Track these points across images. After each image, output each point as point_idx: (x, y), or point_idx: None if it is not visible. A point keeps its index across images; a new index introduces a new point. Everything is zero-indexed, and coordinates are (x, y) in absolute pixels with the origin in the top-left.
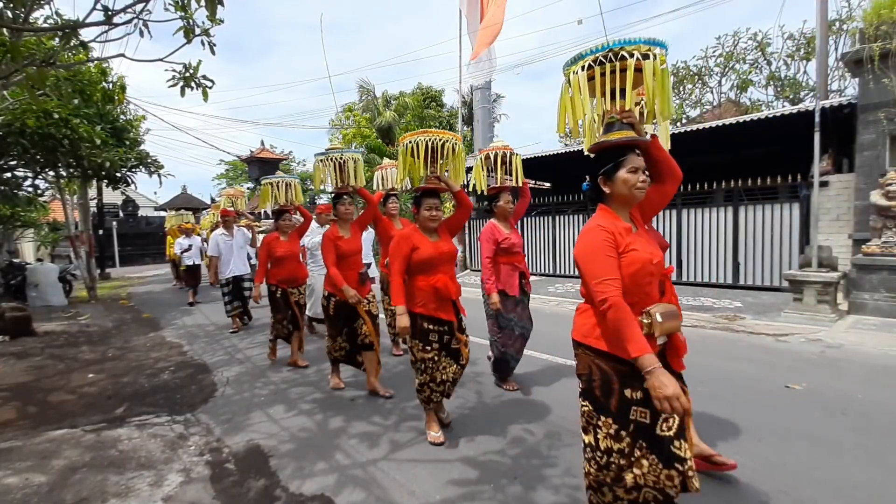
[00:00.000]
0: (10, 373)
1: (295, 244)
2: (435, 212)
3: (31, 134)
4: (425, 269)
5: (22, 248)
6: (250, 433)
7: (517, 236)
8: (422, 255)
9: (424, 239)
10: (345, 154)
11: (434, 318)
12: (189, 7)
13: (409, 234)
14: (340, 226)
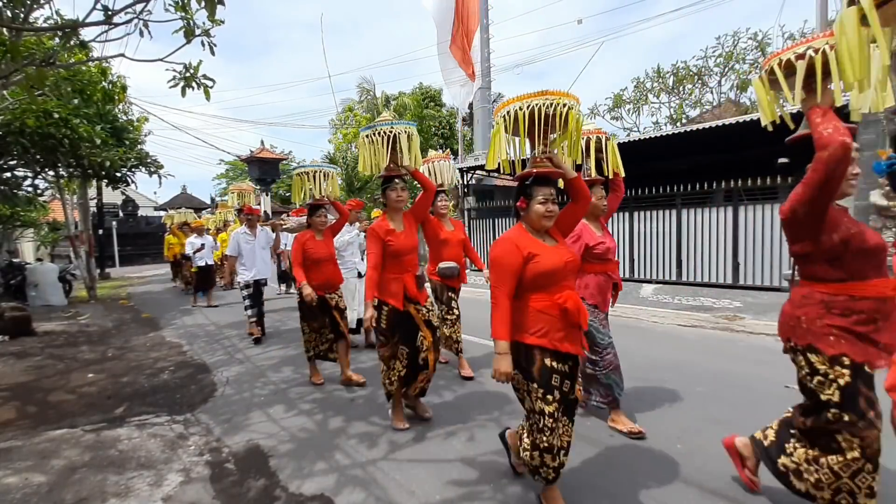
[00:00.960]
0: (10, 373)
1: (331, 244)
2: (552, 206)
3: (30, 134)
4: (546, 283)
5: (22, 248)
6: (250, 433)
7: (611, 239)
8: (542, 266)
9: (538, 243)
10: (396, 126)
11: (559, 353)
12: (189, 7)
13: (516, 238)
14: (391, 217)
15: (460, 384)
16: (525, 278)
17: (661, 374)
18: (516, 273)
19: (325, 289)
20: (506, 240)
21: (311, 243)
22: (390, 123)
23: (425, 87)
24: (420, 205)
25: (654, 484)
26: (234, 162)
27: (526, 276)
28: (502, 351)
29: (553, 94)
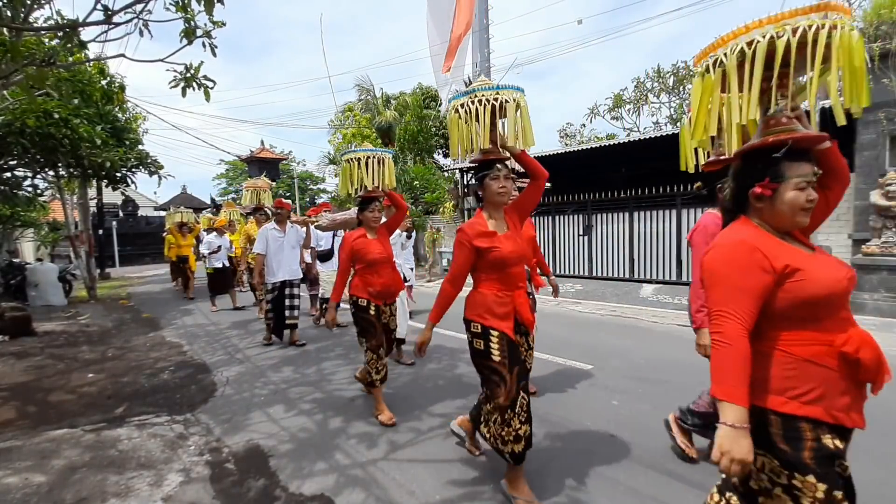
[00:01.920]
0: (10, 372)
1: (387, 243)
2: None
3: (31, 134)
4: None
5: (22, 248)
6: (250, 433)
7: None
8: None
9: (793, 251)
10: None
11: (842, 429)
12: (189, 7)
13: (754, 240)
14: (490, 214)
15: (460, 384)
16: (777, 305)
17: (662, 374)
18: (761, 296)
19: (384, 297)
20: (740, 243)
21: (364, 243)
22: (495, 87)
23: (425, 88)
24: (527, 198)
25: (654, 483)
26: (234, 162)
27: (779, 302)
28: (738, 423)
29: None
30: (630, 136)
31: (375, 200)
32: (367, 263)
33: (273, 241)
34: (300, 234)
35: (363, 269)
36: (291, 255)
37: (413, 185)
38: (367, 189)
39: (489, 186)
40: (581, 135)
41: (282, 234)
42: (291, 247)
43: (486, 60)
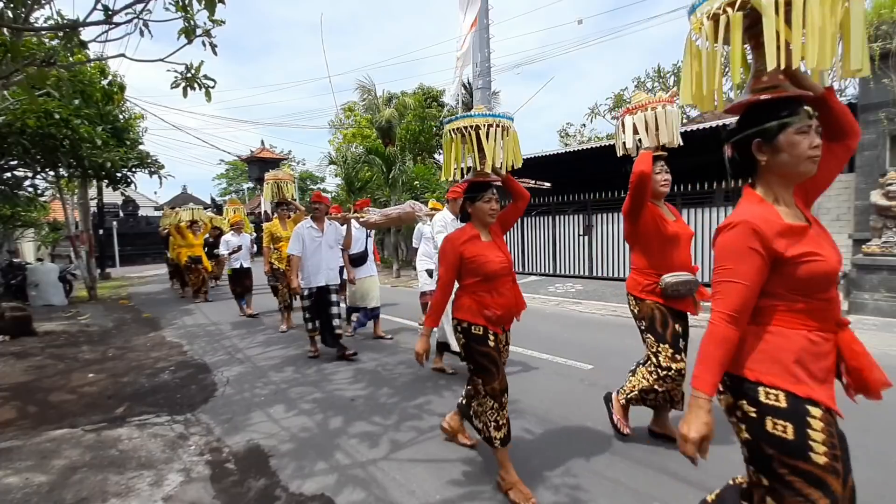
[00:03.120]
0: (11, 372)
1: (506, 248)
2: None
3: (31, 134)
4: None
5: (22, 248)
6: (250, 433)
7: None
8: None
9: None
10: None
11: None
12: (190, 7)
13: None
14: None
15: (460, 384)
16: None
17: None
18: None
19: (504, 323)
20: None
21: (478, 249)
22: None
23: (426, 88)
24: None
25: (655, 483)
26: (235, 162)
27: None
28: None
29: None
30: None
31: (490, 188)
32: (484, 277)
33: (310, 240)
34: (340, 232)
35: (477, 285)
36: (330, 256)
37: (413, 185)
38: (480, 169)
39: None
40: (581, 135)
41: (319, 233)
42: (330, 247)
43: (487, 60)
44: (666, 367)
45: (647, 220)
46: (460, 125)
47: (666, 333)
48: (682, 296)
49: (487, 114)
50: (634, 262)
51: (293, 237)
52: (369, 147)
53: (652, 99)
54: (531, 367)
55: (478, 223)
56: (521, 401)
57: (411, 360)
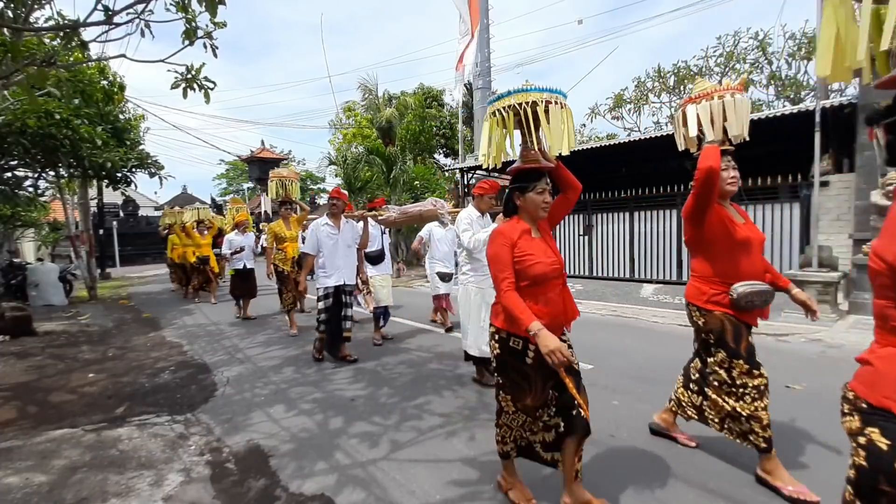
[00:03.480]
0: (11, 372)
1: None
2: None
3: (31, 134)
4: None
5: (22, 248)
6: (250, 433)
7: None
8: None
9: None
10: None
11: None
12: (190, 7)
13: None
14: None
15: (461, 384)
16: None
17: (662, 374)
18: None
19: (555, 331)
20: None
21: (528, 246)
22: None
23: (426, 88)
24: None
25: (655, 483)
26: (235, 162)
27: None
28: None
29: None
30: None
31: (545, 175)
32: (532, 280)
33: (326, 238)
34: (356, 230)
35: (523, 290)
36: (347, 255)
37: (413, 185)
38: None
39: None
40: (581, 135)
41: (336, 231)
42: (347, 245)
43: (487, 60)
44: (741, 384)
45: (714, 223)
46: (511, 102)
47: (740, 347)
48: (757, 307)
49: (543, 88)
50: (697, 270)
51: (308, 235)
52: (369, 147)
53: (718, 87)
54: None
55: (527, 218)
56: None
57: (411, 360)
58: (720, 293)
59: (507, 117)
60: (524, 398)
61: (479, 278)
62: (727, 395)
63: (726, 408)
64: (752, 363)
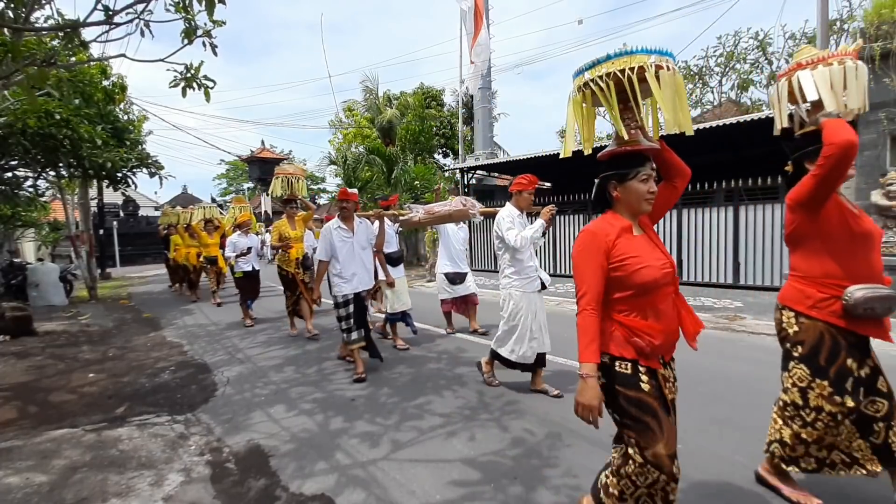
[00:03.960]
0: (11, 372)
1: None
2: None
3: (32, 134)
4: None
5: (22, 248)
6: (251, 433)
7: None
8: None
9: None
10: None
11: None
12: (190, 7)
13: None
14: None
15: (461, 384)
16: None
17: None
18: None
19: (665, 353)
20: None
21: (630, 246)
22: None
23: (426, 88)
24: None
25: None
26: (235, 162)
27: None
28: None
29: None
30: None
31: (649, 159)
32: (639, 289)
33: (340, 242)
34: (371, 231)
35: (624, 302)
36: (363, 258)
37: (414, 185)
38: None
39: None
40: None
41: (350, 234)
42: (362, 248)
43: (487, 60)
44: (816, 406)
45: (832, 213)
46: (612, 68)
47: (830, 368)
48: (878, 316)
49: (651, 49)
50: (801, 269)
51: (321, 240)
52: (370, 147)
53: (830, 53)
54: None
55: (626, 212)
56: (521, 401)
57: (411, 359)
58: (830, 298)
59: (606, 88)
60: (653, 443)
61: (523, 282)
62: (789, 420)
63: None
64: (838, 388)
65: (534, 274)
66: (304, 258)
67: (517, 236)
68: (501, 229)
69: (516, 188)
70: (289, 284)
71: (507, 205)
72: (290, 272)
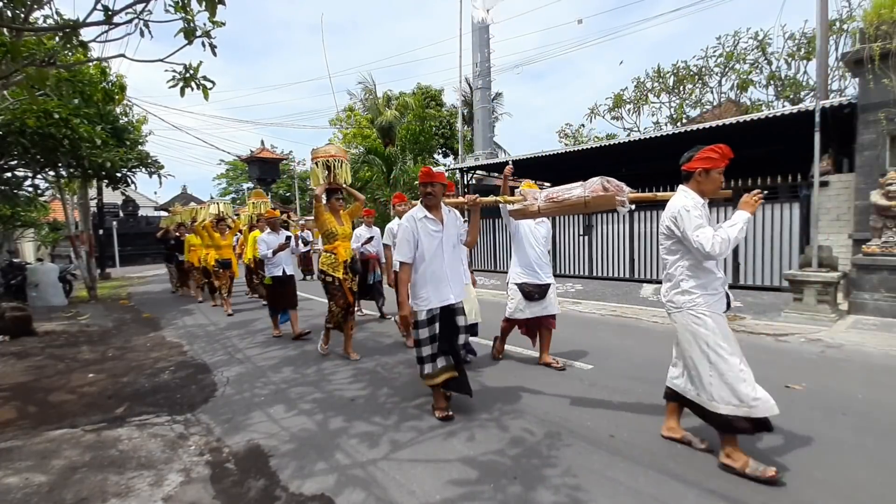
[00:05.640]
0: (11, 372)
1: None
2: None
3: (31, 134)
4: None
5: (22, 248)
6: (250, 433)
7: None
8: None
9: None
10: None
11: None
12: (190, 8)
13: None
14: None
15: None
16: None
17: (662, 374)
18: None
19: None
20: None
21: None
22: None
23: (425, 88)
24: None
25: (655, 483)
26: (235, 162)
27: None
28: None
29: None
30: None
31: None
32: None
33: (426, 238)
34: (461, 223)
35: None
36: (454, 259)
37: (414, 185)
38: None
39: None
40: (580, 135)
41: (438, 227)
42: (452, 245)
43: (486, 60)
44: None
45: None
46: None
47: None
48: None
49: None
50: None
51: (400, 235)
52: (369, 147)
53: None
54: (531, 367)
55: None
56: (521, 401)
57: (411, 360)
58: None
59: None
60: None
61: (710, 299)
62: None
63: None
64: None
65: (721, 289)
66: (352, 261)
67: (712, 238)
68: (683, 226)
69: (702, 164)
70: (335, 294)
71: (681, 189)
72: (336, 278)
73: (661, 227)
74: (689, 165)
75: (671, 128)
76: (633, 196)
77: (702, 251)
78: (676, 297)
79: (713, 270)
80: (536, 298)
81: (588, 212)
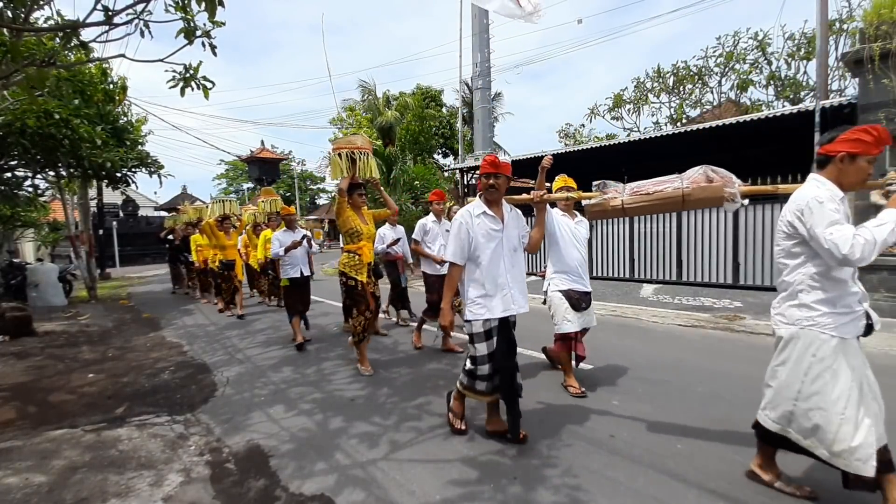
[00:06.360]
0: (11, 373)
1: None
2: None
3: (31, 134)
4: None
5: (22, 248)
6: (250, 433)
7: None
8: None
9: None
10: None
11: None
12: (189, 8)
13: None
14: None
15: None
16: None
17: (662, 374)
18: None
19: None
20: None
21: None
22: None
23: (425, 88)
24: None
25: (655, 483)
26: (234, 162)
27: None
28: None
29: None
30: (630, 136)
31: None
32: None
33: (485, 237)
34: (523, 223)
35: None
36: (515, 264)
37: (413, 185)
38: None
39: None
40: (580, 135)
41: (498, 226)
42: (513, 249)
43: (486, 60)
44: None
45: None
46: None
47: None
48: None
49: None
50: None
51: (453, 233)
52: None
53: None
54: (531, 367)
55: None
56: (521, 401)
57: (411, 359)
58: None
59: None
60: None
61: (839, 318)
62: None
63: None
64: None
65: (859, 308)
66: (374, 264)
67: (854, 237)
68: (812, 222)
69: (848, 146)
70: (357, 299)
71: (813, 178)
72: (360, 282)
73: (779, 224)
74: (828, 147)
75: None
76: (745, 189)
77: (836, 253)
78: (791, 310)
79: (847, 281)
80: (584, 308)
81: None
